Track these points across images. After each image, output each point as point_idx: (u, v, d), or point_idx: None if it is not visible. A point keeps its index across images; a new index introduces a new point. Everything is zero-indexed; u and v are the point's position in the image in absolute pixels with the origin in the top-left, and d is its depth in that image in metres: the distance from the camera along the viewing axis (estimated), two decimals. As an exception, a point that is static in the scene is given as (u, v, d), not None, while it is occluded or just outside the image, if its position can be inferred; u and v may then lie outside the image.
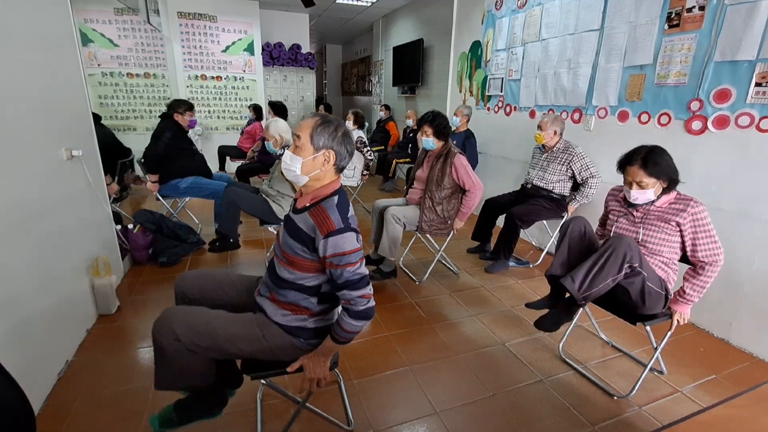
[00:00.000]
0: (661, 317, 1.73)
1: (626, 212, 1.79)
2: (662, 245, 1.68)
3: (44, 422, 1.54)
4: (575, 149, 2.93)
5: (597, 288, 1.63)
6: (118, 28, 5.48)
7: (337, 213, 1.18)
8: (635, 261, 1.58)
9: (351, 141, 1.26)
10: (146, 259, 2.99)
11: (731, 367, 2.03)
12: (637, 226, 1.75)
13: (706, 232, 1.62)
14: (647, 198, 1.67)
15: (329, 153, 1.21)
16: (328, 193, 1.24)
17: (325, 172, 1.23)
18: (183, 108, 3.31)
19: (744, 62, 2.07)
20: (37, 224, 1.73)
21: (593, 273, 1.63)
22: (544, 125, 2.98)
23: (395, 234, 2.58)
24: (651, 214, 1.71)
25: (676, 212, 1.65)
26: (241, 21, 6.06)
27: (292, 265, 1.24)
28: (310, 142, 1.20)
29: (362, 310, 1.19)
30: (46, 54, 1.93)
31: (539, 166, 3.10)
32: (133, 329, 2.20)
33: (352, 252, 1.16)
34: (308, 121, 1.22)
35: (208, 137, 6.30)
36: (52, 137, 1.93)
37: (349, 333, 1.21)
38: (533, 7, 3.49)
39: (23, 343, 1.57)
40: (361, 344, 2.11)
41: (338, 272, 1.17)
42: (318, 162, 1.21)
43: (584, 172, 2.91)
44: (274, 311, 1.29)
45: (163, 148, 3.17)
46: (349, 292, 1.18)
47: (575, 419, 1.66)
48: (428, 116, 2.60)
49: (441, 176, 2.59)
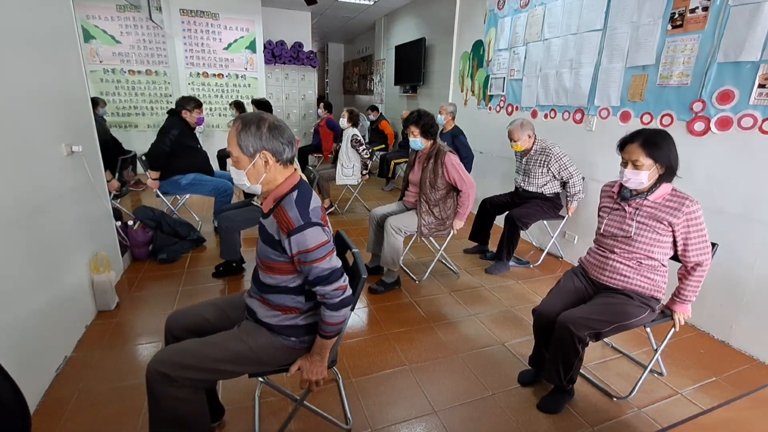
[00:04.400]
0: (662, 318, 1.72)
1: (618, 207, 1.72)
2: (653, 245, 1.63)
3: (42, 418, 1.54)
4: (552, 150, 2.90)
5: (573, 371, 1.61)
6: (120, 24, 5.49)
7: (295, 209, 1.14)
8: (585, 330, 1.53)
9: (282, 131, 1.16)
10: (146, 256, 2.99)
11: (731, 369, 2.02)
12: (629, 222, 1.67)
13: (699, 232, 1.58)
14: (639, 181, 1.58)
15: (264, 154, 1.15)
16: (287, 190, 1.20)
17: (272, 172, 1.18)
18: (191, 105, 3.30)
19: (747, 63, 2.06)
20: (36, 220, 1.73)
21: (561, 365, 1.61)
22: (514, 134, 2.95)
23: (396, 246, 2.56)
24: (643, 209, 1.64)
25: (669, 211, 1.58)
26: (244, 18, 6.06)
27: (272, 270, 1.23)
28: (241, 152, 1.14)
29: (339, 302, 1.18)
30: (48, 50, 1.93)
31: (523, 171, 3.09)
32: (132, 326, 2.20)
33: (317, 247, 1.14)
34: (231, 131, 1.16)
35: (209, 135, 6.30)
36: (53, 133, 1.93)
37: (334, 325, 1.20)
38: (536, 6, 3.48)
39: (22, 339, 1.57)
40: (359, 343, 2.11)
41: (307, 268, 1.16)
42: (259, 167, 1.16)
43: (563, 173, 2.89)
44: (264, 312, 1.28)
45: (168, 145, 3.16)
46: (322, 287, 1.17)
47: (574, 420, 1.66)
48: (413, 116, 2.56)
49: (434, 177, 2.56)
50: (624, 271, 1.67)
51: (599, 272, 1.75)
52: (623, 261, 1.68)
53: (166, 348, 1.25)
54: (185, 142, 3.29)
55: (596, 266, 1.77)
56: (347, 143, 4.10)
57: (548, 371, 1.68)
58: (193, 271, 2.90)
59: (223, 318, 1.38)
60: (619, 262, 1.69)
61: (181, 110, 3.27)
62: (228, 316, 1.39)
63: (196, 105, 3.33)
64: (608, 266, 1.71)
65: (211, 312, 1.39)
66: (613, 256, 1.71)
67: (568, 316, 1.59)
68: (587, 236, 3.10)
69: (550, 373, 1.67)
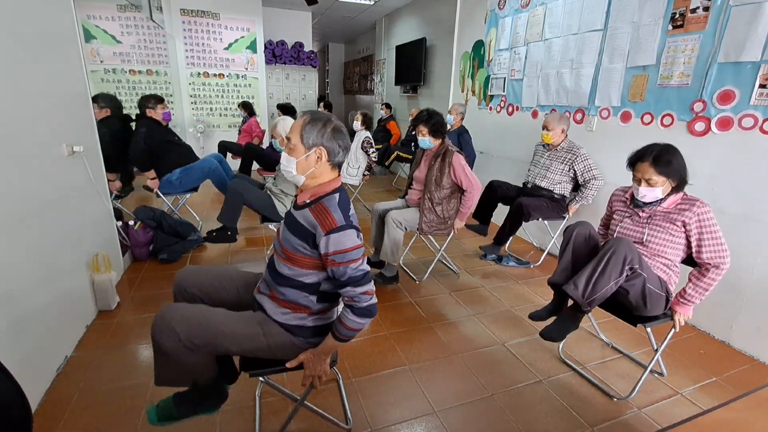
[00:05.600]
0: (662, 318, 1.72)
1: (632, 213, 1.78)
2: (666, 246, 1.67)
3: (43, 418, 1.54)
4: (579, 150, 2.92)
5: (601, 292, 1.61)
6: (120, 24, 5.49)
7: (339, 211, 1.19)
8: (635, 263, 1.57)
9: (343, 136, 1.25)
10: (146, 256, 2.99)
11: (732, 369, 2.02)
12: (642, 227, 1.73)
13: (712, 233, 1.61)
14: (655, 196, 1.65)
15: (320, 150, 1.21)
16: (329, 190, 1.25)
17: (321, 169, 1.24)
18: (152, 102, 3.31)
19: (748, 63, 2.06)
20: (37, 219, 1.73)
21: (595, 277, 1.60)
22: (549, 124, 2.95)
23: (397, 238, 2.57)
24: (657, 215, 1.70)
25: (681, 212, 1.64)
26: (244, 19, 6.06)
27: (291, 261, 1.24)
28: (300, 141, 1.21)
29: (365, 307, 1.19)
30: (49, 50, 1.93)
31: (541, 165, 3.09)
32: (133, 326, 2.20)
33: (353, 249, 1.17)
34: (298, 121, 1.24)
35: (209, 135, 6.31)
36: (53, 133, 1.93)
37: (351, 330, 1.21)
38: (536, 6, 3.48)
39: (22, 339, 1.57)
40: (360, 343, 2.11)
41: (341, 270, 1.17)
42: (311, 160, 1.22)
43: (587, 174, 2.90)
44: (273, 309, 1.29)
45: (142, 142, 3.16)
46: (352, 289, 1.18)
47: (574, 420, 1.66)
48: (423, 116, 2.59)
49: (440, 176, 2.58)
50: None
51: None
52: None
53: (178, 305, 1.27)
54: (160, 138, 3.29)
55: None
56: (358, 144, 4.17)
57: (578, 280, 1.62)
58: (194, 270, 2.89)
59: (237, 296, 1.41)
60: None
61: (145, 110, 3.28)
62: (241, 297, 1.41)
63: (158, 101, 3.33)
64: None
65: (230, 287, 1.42)
66: None
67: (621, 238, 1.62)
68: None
69: (579, 281, 1.62)
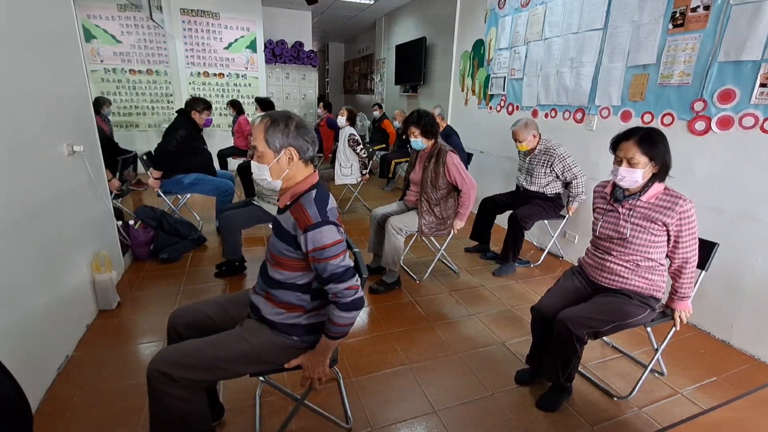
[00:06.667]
0: (662, 318, 1.72)
1: (612, 208, 1.71)
2: (649, 246, 1.62)
3: (43, 417, 1.55)
4: (556, 150, 2.88)
5: (572, 369, 1.62)
6: (120, 24, 5.49)
7: (314, 207, 1.17)
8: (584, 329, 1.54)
9: (307, 131, 1.23)
10: (147, 256, 2.99)
11: (732, 369, 2.02)
12: (623, 224, 1.66)
13: (690, 231, 1.57)
14: (634, 179, 1.57)
15: (290, 150, 1.20)
16: (306, 188, 1.23)
17: (294, 169, 1.22)
18: (201, 106, 3.31)
19: (748, 62, 2.05)
20: (38, 219, 1.73)
21: (560, 364, 1.61)
22: (519, 135, 2.94)
23: (397, 246, 2.56)
24: (637, 210, 1.63)
25: (663, 211, 1.57)
26: (244, 18, 6.06)
27: (280, 266, 1.24)
28: (267, 147, 1.19)
29: (350, 302, 1.19)
30: (49, 49, 1.93)
31: (525, 170, 3.09)
32: (133, 325, 2.20)
33: (332, 245, 1.16)
34: (258, 127, 1.20)
35: (210, 135, 6.30)
36: (54, 132, 1.93)
37: (341, 326, 1.21)
38: (536, 5, 3.47)
39: (23, 338, 1.57)
40: (360, 342, 2.11)
41: (322, 266, 1.17)
42: (283, 163, 1.21)
43: (567, 173, 2.88)
44: (268, 309, 1.29)
45: (174, 146, 3.17)
46: (335, 285, 1.18)
47: (574, 420, 1.66)
48: (413, 117, 2.55)
49: (435, 177, 2.56)
50: (622, 272, 1.67)
51: (597, 273, 1.75)
52: (620, 263, 1.67)
53: (168, 348, 1.25)
54: (192, 143, 3.31)
55: (594, 267, 1.77)
56: (344, 142, 4.10)
57: (547, 369, 1.68)
58: (194, 270, 2.90)
59: (225, 316, 1.39)
60: (617, 263, 1.68)
61: (191, 111, 3.28)
62: (230, 315, 1.39)
63: (206, 107, 3.35)
64: (606, 268, 1.71)
65: (214, 310, 1.39)
66: (610, 258, 1.70)
67: (567, 314, 1.59)
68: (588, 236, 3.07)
69: (548, 371, 1.67)
